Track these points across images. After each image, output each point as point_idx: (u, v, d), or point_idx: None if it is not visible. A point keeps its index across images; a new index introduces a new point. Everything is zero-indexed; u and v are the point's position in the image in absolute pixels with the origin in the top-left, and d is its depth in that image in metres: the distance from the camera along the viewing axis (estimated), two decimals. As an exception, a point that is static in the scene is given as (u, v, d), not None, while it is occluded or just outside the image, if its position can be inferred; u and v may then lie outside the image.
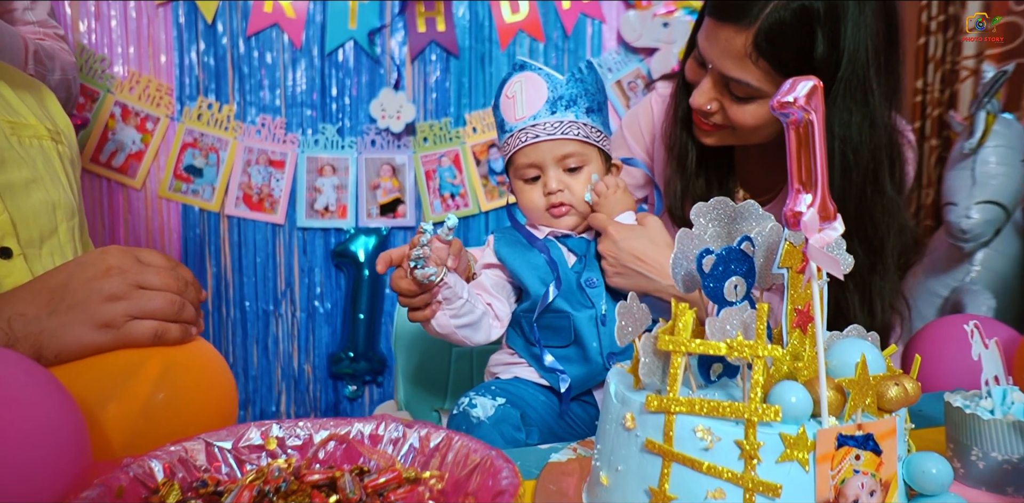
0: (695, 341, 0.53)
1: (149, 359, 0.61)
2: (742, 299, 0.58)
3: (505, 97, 1.00)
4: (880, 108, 0.99)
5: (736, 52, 0.96)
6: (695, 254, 0.57)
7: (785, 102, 0.47)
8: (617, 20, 2.20)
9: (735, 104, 1.00)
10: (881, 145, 1.00)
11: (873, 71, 0.96)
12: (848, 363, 0.56)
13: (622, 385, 0.59)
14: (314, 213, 2.12)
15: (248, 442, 0.58)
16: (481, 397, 0.96)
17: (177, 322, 0.65)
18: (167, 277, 0.65)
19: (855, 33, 0.93)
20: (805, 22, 0.93)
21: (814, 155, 0.48)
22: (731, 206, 0.64)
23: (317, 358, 2.19)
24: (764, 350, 0.51)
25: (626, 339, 0.58)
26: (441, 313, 0.96)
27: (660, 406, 0.53)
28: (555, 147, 0.97)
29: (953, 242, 1.69)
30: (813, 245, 0.50)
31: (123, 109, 1.99)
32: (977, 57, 2.38)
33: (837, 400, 0.52)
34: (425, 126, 2.15)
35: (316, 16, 2.07)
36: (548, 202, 0.99)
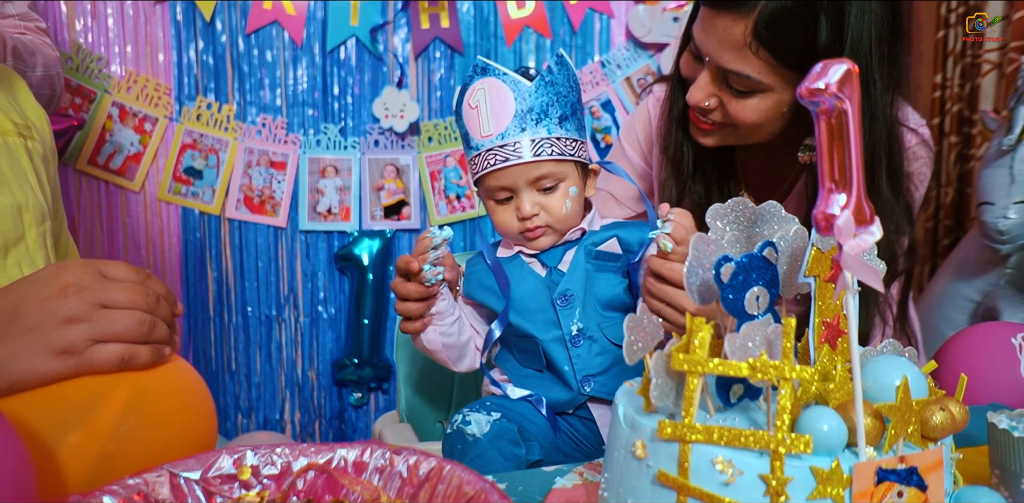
0: (713, 361, 0.47)
1: (115, 387, 0.55)
2: (765, 311, 0.52)
3: (468, 106, 0.90)
4: (881, 101, 0.93)
5: (735, 42, 0.90)
6: (712, 261, 0.51)
7: (815, 89, 0.41)
8: (626, 15, 2.14)
9: (735, 99, 0.95)
10: (880, 141, 0.94)
11: (876, 61, 0.90)
12: (884, 383, 0.50)
13: (631, 407, 0.53)
14: (317, 216, 2.08)
15: (219, 471, 0.52)
16: (475, 413, 0.90)
17: (148, 343, 0.59)
18: (135, 293, 0.59)
19: (859, 20, 0.88)
20: (808, 7, 0.87)
21: (848, 150, 0.42)
22: (751, 208, 0.58)
23: (321, 364, 2.14)
24: (792, 372, 0.45)
25: (636, 356, 0.53)
26: (432, 328, 0.92)
27: (674, 434, 0.48)
28: (528, 170, 0.88)
29: (988, 244, 1.61)
30: (848, 253, 0.44)
31: (121, 110, 1.95)
32: (1000, 50, 2.30)
33: (875, 428, 0.46)
34: (430, 125, 2.10)
35: (317, 13, 2.02)
36: (523, 226, 0.90)
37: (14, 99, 0.86)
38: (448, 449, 0.91)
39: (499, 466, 0.85)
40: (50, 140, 0.90)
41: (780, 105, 0.95)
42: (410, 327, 0.92)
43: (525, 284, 0.93)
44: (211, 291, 2.07)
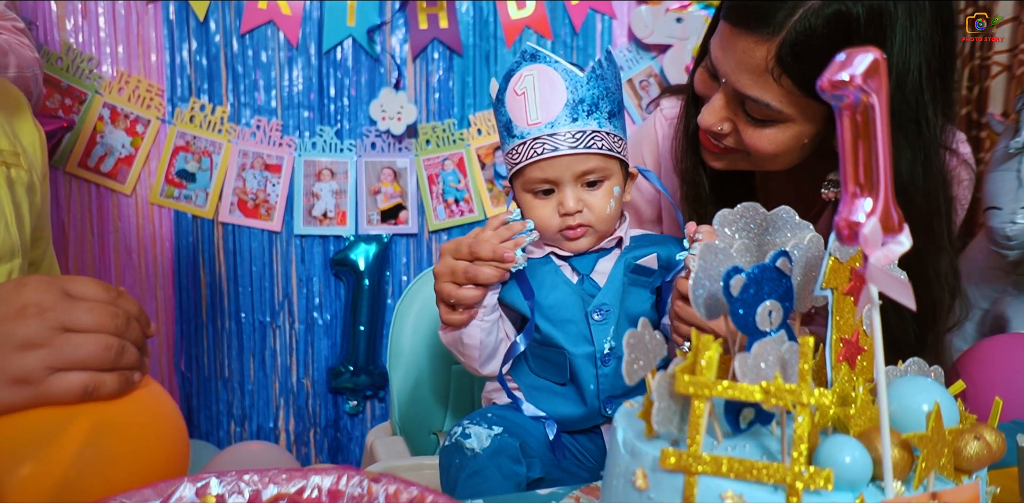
0: (722, 383, 0.43)
1: (75, 419, 0.50)
2: (778, 328, 0.47)
3: (513, 93, 0.85)
4: (935, 141, 0.81)
5: (755, 66, 0.80)
6: (720, 273, 0.47)
7: (838, 81, 0.37)
8: (628, 16, 2.10)
9: (751, 127, 0.85)
10: (937, 188, 0.82)
11: (928, 95, 0.78)
12: (910, 408, 0.45)
13: (631, 432, 0.49)
14: (312, 219, 2.03)
15: (179, 502, 0.48)
16: (476, 426, 0.86)
17: (115, 370, 0.53)
18: (102, 314, 0.53)
19: (905, 48, 0.76)
20: (841, 32, 0.76)
21: (875, 149, 0.38)
22: (762, 213, 0.53)
23: (316, 372, 2.09)
24: (810, 397, 0.41)
25: (636, 377, 0.48)
26: (476, 322, 0.86)
27: (679, 464, 0.43)
28: (577, 162, 0.84)
29: (996, 250, 1.56)
30: (874, 265, 0.39)
31: (112, 111, 1.91)
32: (1011, 52, 2.26)
33: (904, 461, 0.41)
34: (427, 128, 2.06)
35: (313, 13, 1.98)
36: (564, 223, 0.85)
37: (8, 123, 0.81)
38: (445, 463, 0.86)
39: (497, 484, 0.81)
40: (41, 165, 0.84)
41: (800, 137, 0.85)
42: (456, 318, 0.85)
43: (557, 292, 0.88)
44: (204, 296, 2.03)
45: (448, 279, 0.84)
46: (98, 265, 1.97)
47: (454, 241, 0.86)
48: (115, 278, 1.97)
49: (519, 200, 0.89)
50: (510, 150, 0.87)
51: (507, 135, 0.87)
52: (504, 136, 0.88)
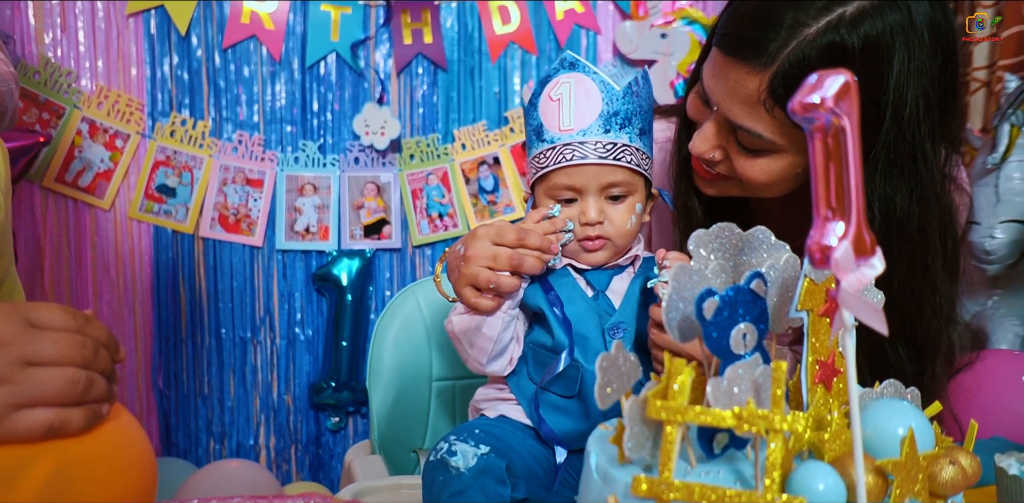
0: (694, 408, 0.42)
1: (38, 459, 0.47)
2: (752, 350, 0.47)
3: (548, 98, 0.85)
4: (934, 177, 0.78)
5: (747, 97, 0.78)
6: (694, 295, 0.46)
7: (809, 104, 0.37)
8: (613, 31, 2.11)
9: (742, 156, 0.83)
10: (932, 224, 0.80)
11: (925, 130, 0.75)
12: (886, 432, 0.45)
13: (604, 457, 0.48)
14: (294, 234, 2.02)
15: (137, 533, 0.46)
16: (463, 443, 0.84)
17: (82, 404, 0.50)
18: (68, 345, 0.50)
19: (903, 81, 0.73)
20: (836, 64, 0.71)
21: (847, 172, 0.37)
22: (737, 234, 0.53)
23: (298, 388, 2.07)
24: (783, 422, 0.40)
25: (608, 401, 0.47)
26: (499, 313, 0.84)
27: (651, 491, 0.42)
28: (604, 173, 0.83)
29: (976, 264, 1.58)
30: (846, 289, 0.38)
31: (91, 125, 1.90)
32: (989, 68, 2.29)
33: (878, 487, 0.40)
34: (411, 143, 2.06)
35: (296, 27, 1.98)
36: (583, 233, 0.84)
37: None
38: (429, 479, 0.84)
39: None
40: (3, 180, 0.82)
41: (794, 167, 0.82)
42: (486, 304, 0.83)
43: (575, 307, 0.87)
44: (184, 312, 2.00)
45: (486, 263, 0.81)
46: (75, 281, 1.94)
47: (494, 226, 0.83)
48: (92, 294, 1.94)
49: (541, 205, 0.88)
50: (537, 154, 0.86)
51: (536, 139, 0.87)
52: (533, 140, 0.87)
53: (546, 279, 0.86)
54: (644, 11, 2.12)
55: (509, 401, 0.93)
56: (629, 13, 2.10)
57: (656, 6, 2.14)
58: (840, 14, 0.72)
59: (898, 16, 0.72)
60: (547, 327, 0.88)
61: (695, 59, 2.31)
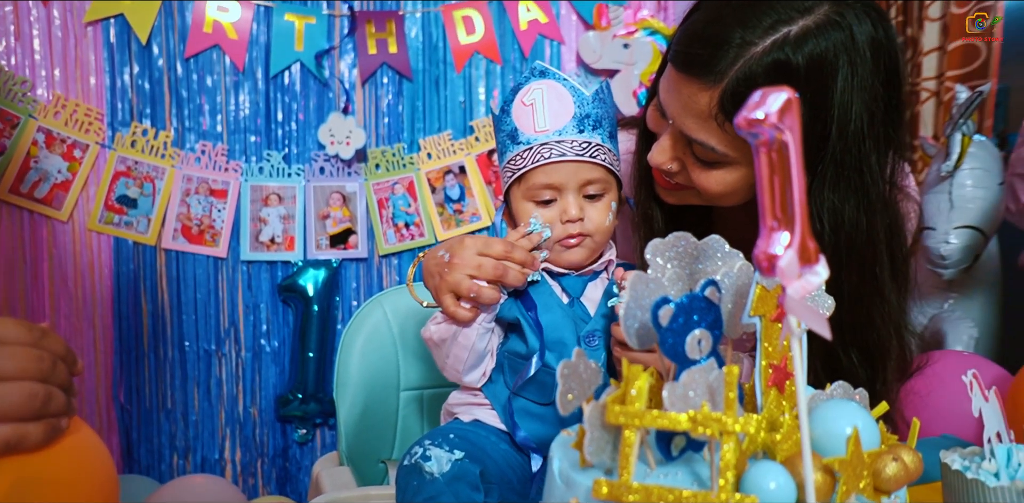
0: (651, 413, 0.43)
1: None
2: (707, 356, 0.48)
3: (521, 104, 0.87)
4: (879, 189, 0.81)
5: (699, 111, 0.80)
6: (651, 303, 0.47)
7: (754, 119, 0.38)
8: (576, 41, 2.15)
9: (698, 167, 0.84)
10: (880, 235, 0.82)
11: (870, 145, 0.78)
12: (835, 433, 0.46)
13: (567, 462, 0.49)
14: (259, 245, 2.00)
15: (100, 549, 0.46)
16: (437, 448, 0.84)
17: (41, 418, 0.50)
18: (25, 359, 0.50)
19: (847, 97, 0.75)
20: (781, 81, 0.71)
21: (791, 184, 0.39)
22: (693, 243, 0.54)
23: (264, 400, 2.04)
24: (736, 424, 0.41)
25: (570, 407, 0.48)
26: (476, 324, 0.86)
27: (611, 494, 0.43)
28: (581, 170, 0.85)
29: (932, 269, 1.63)
30: (792, 295, 0.40)
31: (47, 135, 1.86)
32: (937, 79, 2.37)
33: (826, 484, 0.42)
34: (377, 152, 2.06)
35: (260, 37, 1.97)
36: (565, 230, 0.86)
37: None
38: (403, 483, 0.84)
39: None
40: None
41: (747, 178, 0.84)
42: (464, 314, 0.84)
43: (552, 314, 0.88)
44: (146, 325, 1.97)
45: (470, 272, 0.83)
46: (30, 294, 1.90)
47: (482, 237, 0.85)
48: (49, 307, 1.90)
49: (517, 210, 0.89)
50: (513, 157, 0.87)
51: (511, 143, 0.88)
52: (507, 145, 0.89)
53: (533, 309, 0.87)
54: (607, 21, 2.15)
55: (484, 406, 0.94)
56: (592, 23, 2.13)
57: (618, 17, 2.17)
58: (785, 34, 0.74)
59: (841, 35, 0.74)
60: (522, 335, 0.88)
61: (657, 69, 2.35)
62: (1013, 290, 1.82)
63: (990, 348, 1.70)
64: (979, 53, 2.31)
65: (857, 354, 0.83)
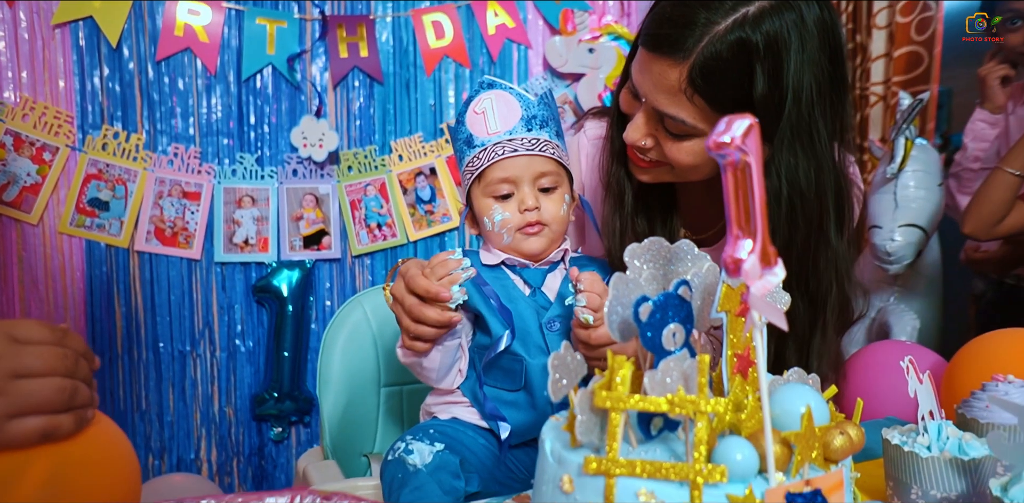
0: (634, 397, 0.50)
1: (34, 462, 0.51)
2: (681, 347, 0.55)
3: (473, 113, 0.95)
4: (827, 151, 0.90)
5: (670, 87, 0.87)
6: (631, 300, 0.54)
7: (721, 143, 0.45)
8: (543, 46, 2.20)
9: (670, 140, 0.92)
10: (828, 191, 0.92)
11: (819, 111, 0.87)
12: (791, 411, 0.53)
13: (558, 443, 0.55)
14: (233, 247, 2.02)
15: (139, 530, 0.50)
16: (419, 442, 0.90)
17: (70, 410, 0.54)
18: (51, 357, 0.54)
19: (798, 69, 0.84)
20: (743, 57, 0.84)
21: (752, 198, 0.46)
22: (666, 247, 0.61)
23: (239, 400, 2.06)
24: (707, 405, 0.48)
25: (561, 393, 0.54)
26: (435, 350, 0.91)
27: (599, 468, 0.49)
28: (533, 163, 0.93)
29: (879, 264, 1.73)
30: (755, 294, 0.47)
31: (15, 138, 1.85)
32: (885, 83, 2.50)
33: (784, 455, 0.49)
34: (349, 154, 2.09)
35: (232, 41, 1.99)
36: (524, 220, 0.93)
37: None
38: (388, 477, 0.90)
39: (436, 499, 0.85)
40: None
41: None
42: (420, 346, 0.90)
43: (515, 304, 0.94)
44: (119, 327, 1.97)
45: (404, 311, 0.88)
46: (0, 297, 1.89)
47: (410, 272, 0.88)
48: (19, 310, 1.89)
49: (479, 208, 0.96)
50: (471, 159, 0.94)
51: (467, 148, 0.95)
52: (464, 150, 0.96)
53: (483, 279, 0.93)
54: (572, 27, 2.22)
55: (460, 404, 1.00)
56: (558, 28, 2.19)
57: (584, 22, 2.24)
58: (744, 13, 0.83)
59: (792, 15, 0.83)
60: (486, 329, 0.94)
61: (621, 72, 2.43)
62: (952, 284, 1.95)
63: (931, 337, 1.82)
64: (922, 60, 2.45)
65: (801, 300, 0.92)
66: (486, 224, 0.95)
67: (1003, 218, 1.57)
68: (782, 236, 0.90)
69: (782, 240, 0.90)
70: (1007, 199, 1.56)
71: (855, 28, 2.51)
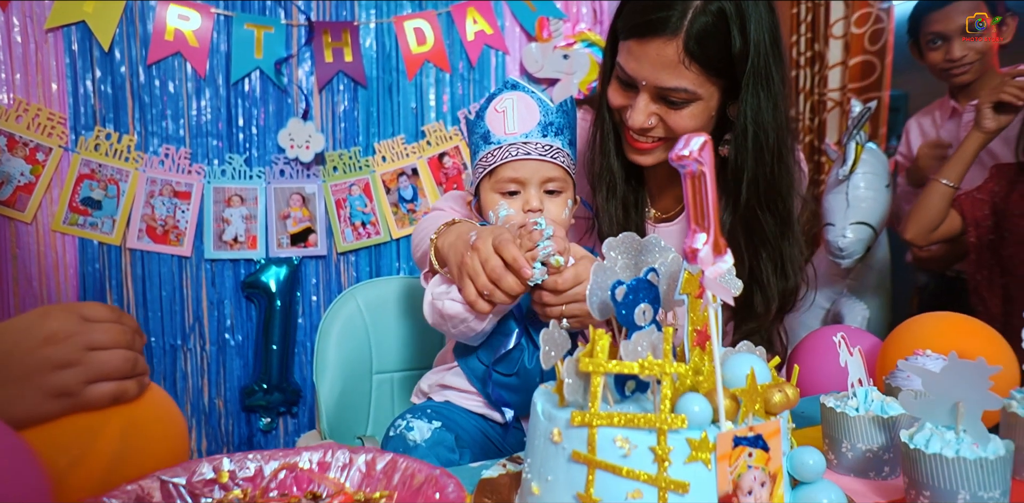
0: (612, 362, 0.61)
1: (109, 420, 0.61)
2: (650, 323, 0.66)
3: (494, 110, 1.02)
4: (780, 93, 1.06)
5: (669, 61, 1.01)
6: (609, 285, 0.65)
7: (682, 156, 0.56)
8: (520, 52, 2.30)
9: (672, 111, 1.05)
10: (783, 126, 1.08)
11: (773, 60, 1.04)
12: (740, 375, 0.65)
13: (548, 404, 0.66)
14: (223, 244, 2.09)
15: (201, 477, 0.60)
16: (418, 420, 1.00)
17: (133, 377, 0.64)
18: (116, 333, 0.63)
19: (758, 28, 1.01)
20: (723, 22, 1.00)
21: (707, 200, 0.57)
22: (637, 241, 0.72)
23: (229, 391, 2.14)
24: (671, 367, 0.59)
25: (550, 362, 0.65)
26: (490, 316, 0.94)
27: (583, 421, 0.60)
28: (543, 168, 1.01)
29: (832, 259, 1.87)
30: (708, 277, 0.58)
31: (9, 139, 1.91)
32: (841, 90, 2.66)
33: (732, 407, 0.61)
34: (334, 155, 2.17)
35: (220, 45, 2.06)
36: (526, 219, 0.99)
37: None
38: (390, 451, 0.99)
39: None
40: None
41: (709, 110, 1.07)
42: (482, 307, 0.91)
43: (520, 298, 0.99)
44: (111, 322, 2.03)
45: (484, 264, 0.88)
46: (-6, 294, 1.94)
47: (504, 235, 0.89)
48: (14, 307, 1.95)
49: (485, 201, 1.03)
50: (485, 155, 1.02)
51: (483, 143, 1.03)
52: (479, 145, 1.04)
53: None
54: (548, 34, 2.32)
55: (453, 389, 1.10)
56: (534, 35, 2.30)
57: (559, 29, 2.34)
58: None
59: None
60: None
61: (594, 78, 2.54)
62: (900, 278, 2.11)
63: (880, 326, 1.96)
64: (875, 68, 2.61)
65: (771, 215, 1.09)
66: (490, 217, 1.03)
67: (939, 225, 1.72)
68: (751, 166, 1.06)
69: (751, 169, 1.07)
70: (942, 208, 1.71)
71: (813, 37, 2.66)
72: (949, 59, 1.90)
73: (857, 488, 0.74)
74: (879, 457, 0.76)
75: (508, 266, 0.88)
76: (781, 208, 1.10)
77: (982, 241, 1.70)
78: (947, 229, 1.73)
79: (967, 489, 0.63)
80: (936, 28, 1.90)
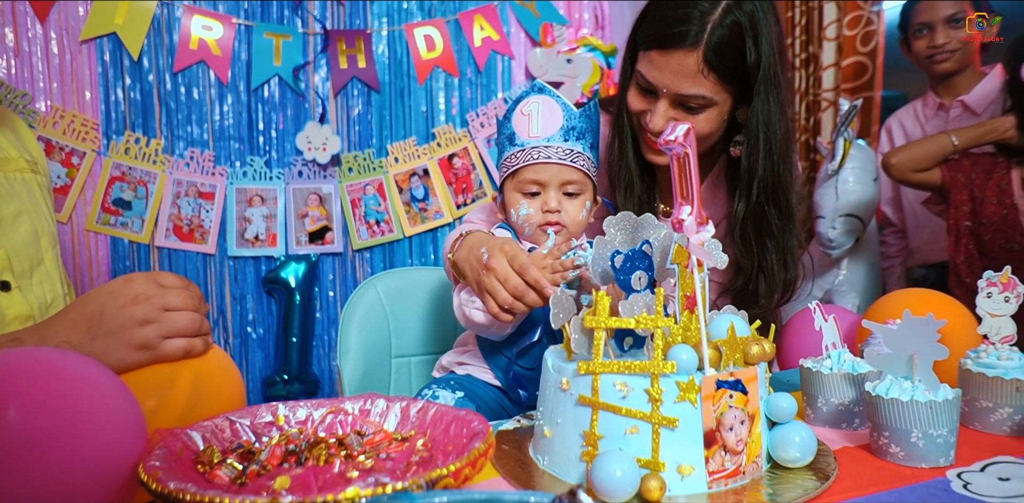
0: (612, 318, 0.71)
1: (182, 370, 0.71)
2: (645, 288, 0.76)
3: (520, 113, 1.08)
4: (786, 99, 1.14)
5: (689, 71, 1.09)
6: (608, 255, 0.75)
7: (668, 140, 0.66)
8: (525, 56, 2.40)
9: (690, 116, 1.13)
10: (788, 129, 1.16)
11: (780, 68, 1.11)
12: (723, 331, 0.75)
13: (558, 359, 0.76)
14: (244, 242, 2.20)
15: (261, 419, 0.71)
16: (443, 390, 1.09)
17: (199, 336, 0.74)
18: (186, 297, 0.74)
19: (768, 38, 1.08)
20: (739, 35, 1.07)
21: (691, 177, 0.67)
22: (634, 218, 0.82)
23: (251, 382, 2.24)
24: (662, 322, 0.69)
25: (559, 322, 0.75)
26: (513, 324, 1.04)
27: (588, 369, 0.71)
28: (563, 171, 1.06)
29: (823, 250, 1.96)
30: (693, 243, 0.69)
31: (47, 144, 2.02)
32: (835, 90, 2.75)
33: (715, 356, 0.71)
34: (350, 157, 2.28)
35: (241, 53, 2.17)
36: (545, 219, 1.06)
37: (20, 139, 1.00)
38: None
39: None
40: (49, 174, 1.04)
41: (722, 114, 1.15)
42: (505, 317, 0.98)
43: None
44: (140, 316, 2.13)
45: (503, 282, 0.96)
46: (31, 290, 2.05)
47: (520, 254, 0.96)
48: (49, 302, 2.05)
49: (508, 199, 1.10)
50: (509, 156, 1.09)
51: (508, 144, 1.10)
52: (505, 145, 1.11)
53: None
54: (552, 39, 2.42)
55: (474, 365, 1.19)
56: (539, 41, 2.40)
57: (562, 35, 2.44)
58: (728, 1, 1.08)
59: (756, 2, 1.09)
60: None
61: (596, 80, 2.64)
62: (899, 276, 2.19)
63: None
64: (867, 69, 2.71)
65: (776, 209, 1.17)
66: (512, 215, 1.10)
67: (923, 170, 1.80)
68: (761, 165, 1.15)
69: (762, 168, 1.16)
70: (935, 157, 1.79)
71: (808, 40, 2.76)
72: (932, 45, 2.00)
73: (831, 436, 0.84)
74: (850, 410, 0.86)
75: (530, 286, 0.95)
76: (784, 203, 1.19)
77: (960, 226, 1.79)
78: (926, 177, 1.81)
79: (919, 428, 0.73)
80: (922, 18, 2.01)
